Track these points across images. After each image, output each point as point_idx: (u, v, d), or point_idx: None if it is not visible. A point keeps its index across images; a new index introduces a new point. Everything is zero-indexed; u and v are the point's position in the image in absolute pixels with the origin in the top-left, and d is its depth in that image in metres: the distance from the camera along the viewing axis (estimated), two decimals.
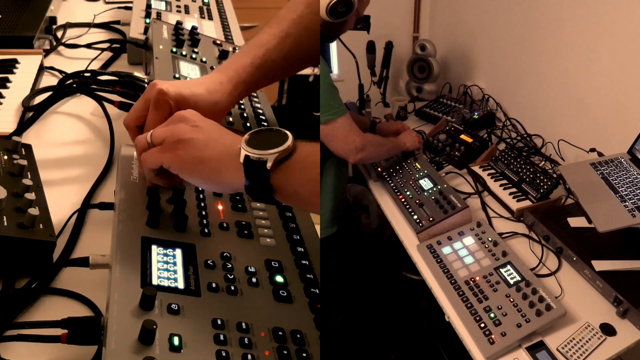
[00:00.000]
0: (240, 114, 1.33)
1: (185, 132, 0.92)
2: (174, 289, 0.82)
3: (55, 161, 1.30)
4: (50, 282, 0.96)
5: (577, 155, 2.07)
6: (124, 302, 0.76)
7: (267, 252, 0.95)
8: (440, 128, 2.43)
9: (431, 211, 1.77)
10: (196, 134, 0.92)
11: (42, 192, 1.08)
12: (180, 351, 0.72)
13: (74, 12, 2.14)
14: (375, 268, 2.48)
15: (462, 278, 1.51)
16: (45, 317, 0.83)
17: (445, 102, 2.75)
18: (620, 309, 1.37)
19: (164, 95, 1.02)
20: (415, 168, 1.99)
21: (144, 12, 1.88)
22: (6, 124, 1.36)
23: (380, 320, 2.38)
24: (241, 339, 0.77)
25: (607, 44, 1.97)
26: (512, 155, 2.03)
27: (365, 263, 2.45)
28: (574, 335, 1.34)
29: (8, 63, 1.59)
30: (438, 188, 1.85)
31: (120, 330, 0.72)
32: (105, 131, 1.38)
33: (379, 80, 2.78)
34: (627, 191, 1.60)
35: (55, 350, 0.82)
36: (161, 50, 1.45)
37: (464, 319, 1.39)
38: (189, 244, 0.91)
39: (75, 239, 1.06)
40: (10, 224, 0.93)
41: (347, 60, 2.51)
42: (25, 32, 1.73)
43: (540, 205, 1.82)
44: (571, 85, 2.19)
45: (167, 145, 0.92)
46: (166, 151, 0.92)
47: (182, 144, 0.91)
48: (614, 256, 1.50)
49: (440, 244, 1.65)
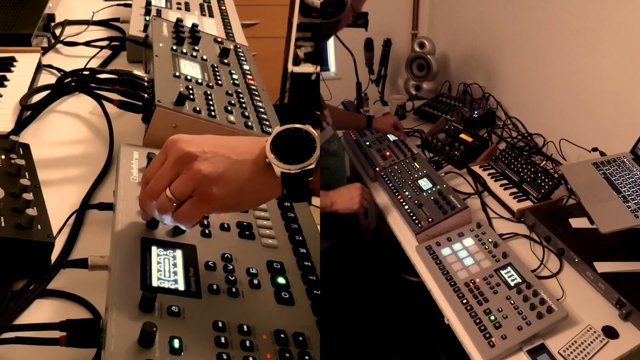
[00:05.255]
0: (242, 113, 1.32)
1: (211, 172, 0.84)
2: (174, 290, 0.81)
3: (53, 161, 1.29)
4: (49, 284, 0.95)
5: (579, 154, 2.06)
6: (124, 304, 0.76)
7: (268, 254, 0.95)
8: (439, 127, 2.42)
9: (430, 212, 1.76)
10: (220, 166, 0.85)
11: (40, 193, 1.07)
12: (180, 354, 0.72)
13: (72, 9, 2.13)
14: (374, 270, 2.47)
15: (462, 280, 1.50)
16: (44, 320, 0.83)
17: (445, 100, 2.74)
18: (623, 311, 1.37)
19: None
20: (414, 168, 1.98)
21: (143, 9, 1.87)
22: (4, 123, 1.35)
23: (379, 322, 2.38)
24: (242, 342, 0.77)
25: (610, 41, 1.96)
26: (513, 154, 2.03)
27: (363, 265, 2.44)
28: (575, 338, 1.33)
29: (5, 61, 1.58)
30: (437, 188, 1.84)
31: (119, 332, 0.72)
32: (104, 130, 1.37)
33: (377, 78, 2.78)
34: (629, 191, 1.60)
35: (53, 353, 0.81)
36: (161, 48, 1.44)
37: (463, 321, 1.39)
38: (189, 245, 0.91)
39: (74, 240, 1.05)
40: (8, 225, 0.92)
41: (345, 58, 2.50)
42: (23, 30, 1.72)
43: (542, 205, 1.81)
44: (573, 83, 2.18)
45: (202, 196, 0.85)
46: (205, 202, 0.85)
47: (217, 185, 0.84)
48: (616, 258, 1.49)
49: (440, 245, 1.64)
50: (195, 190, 0.84)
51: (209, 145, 0.86)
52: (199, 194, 0.84)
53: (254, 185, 0.85)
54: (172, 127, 1.21)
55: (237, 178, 0.85)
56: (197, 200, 0.85)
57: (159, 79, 1.29)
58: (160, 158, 0.88)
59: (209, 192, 0.84)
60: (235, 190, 0.85)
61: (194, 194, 0.85)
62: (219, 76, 1.44)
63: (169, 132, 1.19)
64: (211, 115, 1.25)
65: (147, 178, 0.88)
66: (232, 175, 0.84)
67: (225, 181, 0.84)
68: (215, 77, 1.43)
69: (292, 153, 0.84)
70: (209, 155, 0.85)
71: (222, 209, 0.88)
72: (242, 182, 0.85)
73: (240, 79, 1.48)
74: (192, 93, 1.28)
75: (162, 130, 1.20)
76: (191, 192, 0.85)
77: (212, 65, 1.48)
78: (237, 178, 0.85)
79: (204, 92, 1.32)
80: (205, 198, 0.84)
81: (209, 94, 1.32)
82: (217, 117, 1.25)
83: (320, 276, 0.94)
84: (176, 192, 0.85)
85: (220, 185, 0.84)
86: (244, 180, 0.85)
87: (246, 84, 1.48)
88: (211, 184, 0.84)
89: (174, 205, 0.85)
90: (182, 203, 0.85)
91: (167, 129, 1.20)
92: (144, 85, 1.36)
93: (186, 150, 0.85)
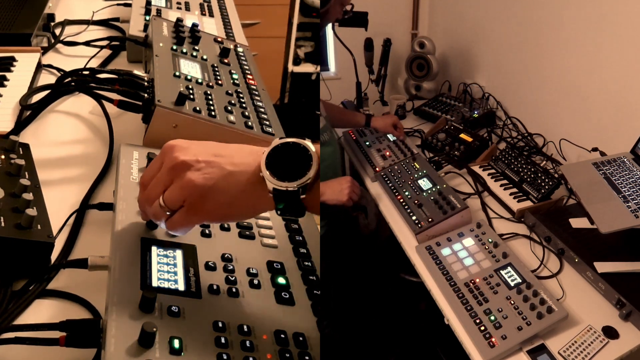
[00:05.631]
0: (242, 113, 1.32)
1: (203, 183, 0.82)
2: (174, 290, 0.81)
3: (53, 161, 1.29)
4: (48, 284, 0.95)
5: (579, 154, 2.06)
6: (124, 304, 0.76)
7: (268, 254, 0.95)
8: (439, 127, 2.42)
9: (430, 212, 1.76)
10: (212, 177, 0.83)
11: (40, 192, 1.07)
12: (180, 354, 0.72)
13: (72, 9, 2.13)
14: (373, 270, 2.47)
15: (462, 280, 1.50)
16: (43, 320, 0.83)
17: (445, 100, 2.74)
18: (623, 311, 1.37)
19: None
20: (414, 168, 1.98)
21: (143, 9, 1.87)
22: (3, 122, 1.35)
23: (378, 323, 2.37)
24: (242, 342, 0.76)
25: (610, 41, 1.96)
26: (513, 154, 2.03)
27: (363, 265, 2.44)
28: (575, 338, 1.33)
29: (5, 61, 1.58)
30: (437, 188, 1.84)
31: (119, 332, 0.72)
32: (104, 130, 1.37)
33: (377, 78, 2.78)
34: (630, 191, 1.59)
35: (53, 353, 0.81)
36: (161, 47, 1.44)
37: (463, 321, 1.38)
38: (189, 245, 0.91)
39: (74, 240, 1.05)
40: (8, 225, 0.92)
41: (345, 57, 2.50)
42: (22, 30, 1.72)
43: (542, 205, 1.81)
44: (573, 83, 2.18)
45: (192, 206, 0.84)
46: (195, 212, 0.84)
47: (207, 197, 0.83)
48: (616, 258, 1.49)
49: (440, 246, 1.64)
50: (186, 200, 0.83)
51: (204, 154, 0.85)
52: (189, 204, 0.84)
53: (246, 198, 0.84)
54: (172, 127, 1.20)
55: (229, 190, 0.83)
56: (187, 210, 0.84)
57: (159, 79, 1.29)
58: (157, 162, 0.87)
59: (199, 203, 0.83)
60: (226, 202, 0.83)
61: (184, 203, 0.84)
62: (219, 76, 1.44)
63: (169, 132, 1.19)
64: (211, 115, 1.25)
65: (144, 182, 0.88)
66: (224, 186, 0.83)
67: (216, 193, 0.83)
68: (216, 77, 1.43)
69: (288, 169, 0.82)
70: (203, 165, 0.83)
71: (212, 220, 0.88)
72: (233, 195, 0.83)
73: (240, 78, 1.48)
74: (192, 93, 1.28)
75: (162, 130, 1.20)
76: (182, 202, 0.84)
77: (212, 65, 1.48)
78: (229, 190, 0.83)
79: (204, 92, 1.32)
80: (195, 209, 0.84)
81: (209, 93, 1.32)
82: (217, 117, 1.25)
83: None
84: (168, 201, 0.84)
85: (211, 197, 0.83)
86: (236, 193, 0.83)
87: (246, 83, 1.47)
88: (202, 195, 0.83)
89: (167, 213, 0.85)
90: (175, 212, 0.85)
91: (167, 129, 1.20)
92: (144, 85, 1.35)
93: (180, 160, 0.84)
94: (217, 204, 0.83)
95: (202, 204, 0.83)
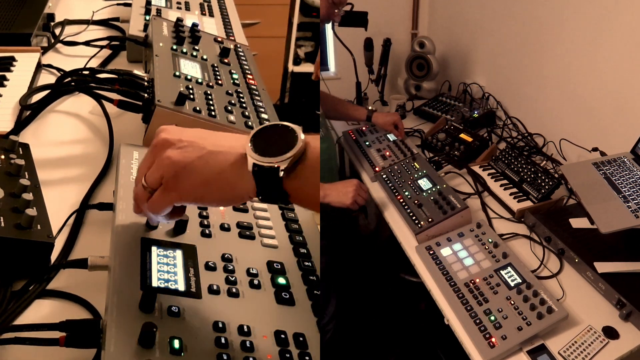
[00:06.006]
0: (242, 113, 1.32)
1: (179, 160, 0.82)
2: (175, 291, 0.81)
3: (53, 161, 1.29)
4: (48, 284, 0.95)
5: (579, 154, 2.06)
6: (124, 304, 0.76)
7: (269, 254, 0.95)
8: (439, 127, 2.42)
9: (430, 212, 1.76)
10: (190, 155, 0.82)
11: (40, 193, 1.07)
12: (180, 354, 0.72)
13: (72, 8, 2.13)
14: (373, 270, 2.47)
15: (462, 280, 1.50)
16: (43, 320, 0.83)
17: (445, 100, 2.74)
18: (624, 311, 1.37)
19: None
20: (414, 168, 1.97)
21: (143, 9, 1.87)
22: (3, 122, 1.35)
23: (378, 323, 2.37)
24: (242, 342, 0.76)
25: (610, 41, 1.96)
26: (513, 154, 2.02)
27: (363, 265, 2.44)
28: (575, 338, 1.33)
29: (5, 61, 1.58)
30: (437, 188, 1.84)
31: (119, 333, 0.71)
32: (104, 130, 1.37)
33: (376, 78, 2.78)
34: (630, 191, 1.59)
35: (53, 354, 0.81)
36: (161, 47, 1.44)
37: (463, 322, 1.38)
38: (189, 245, 0.91)
39: (74, 240, 1.06)
40: (8, 225, 0.92)
41: (345, 57, 2.50)
42: (22, 29, 1.72)
43: (542, 205, 1.81)
44: (573, 83, 2.18)
45: (168, 184, 0.83)
46: (170, 190, 0.83)
47: (183, 175, 0.82)
48: (616, 258, 1.48)
49: (440, 246, 1.64)
50: (163, 177, 0.83)
51: (189, 136, 0.84)
52: (165, 181, 0.83)
53: (224, 179, 0.81)
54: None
55: (205, 169, 0.81)
56: (163, 188, 0.83)
57: (159, 79, 1.29)
58: (149, 152, 0.87)
59: (174, 181, 0.82)
60: (202, 181, 0.81)
61: (162, 181, 0.83)
62: (219, 76, 1.44)
63: None
64: (211, 115, 1.25)
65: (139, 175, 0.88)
66: (200, 165, 0.81)
67: (191, 171, 0.81)
68: (216, 76, 1.43)
69: (271, 147, 0.80)
70: (185, 144, 0.83)
71: (186, 199, 0.84)
72: (209, 174, 0.81)
73: (240, 78, 1.48)
74: (192, 93, 1.28)
75: None
76: (160, 179, 0.83)
77: (212, 65, 1.48)
78: (206, 169, 0.81)
79: (204, 92, 1.32)
80: (170, 186, 0.82)
81: (209, 93, 1.32)
82: (217, 117, 1.25)
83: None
84: (148, 179, 0.84)
85: (186, 175, 0.81)
86: (213, 173, 0.81)
87: (246, 83, 1.47)
88: (177, 172, 0.82)
89: (149, 193, 0.84)
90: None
91: None
92: (144, 85, 1.35)
93: (163, 138, 0.85)
94: (191, 182, 0.82)
95: (176, 181, 0.82)
